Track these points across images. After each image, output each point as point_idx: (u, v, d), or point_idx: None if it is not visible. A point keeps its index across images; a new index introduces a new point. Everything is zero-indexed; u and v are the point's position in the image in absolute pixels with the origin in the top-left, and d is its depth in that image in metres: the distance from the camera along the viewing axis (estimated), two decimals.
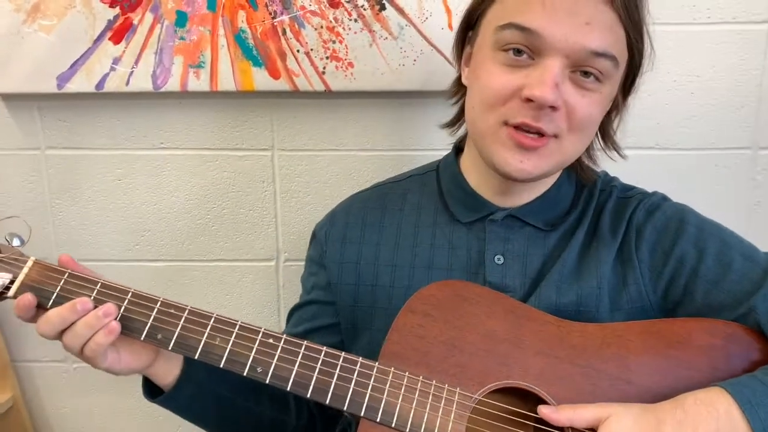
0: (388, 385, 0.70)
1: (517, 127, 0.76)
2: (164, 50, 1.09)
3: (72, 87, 1.10)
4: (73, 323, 0.72)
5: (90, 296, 0.74)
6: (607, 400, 0.72)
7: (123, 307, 0.74)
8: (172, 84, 1.10)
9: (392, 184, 0.97)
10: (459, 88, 0.91)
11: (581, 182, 0.90)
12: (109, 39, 1.08)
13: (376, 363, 0.72)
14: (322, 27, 1.07)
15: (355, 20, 1.07)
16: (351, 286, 0.90)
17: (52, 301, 0.74)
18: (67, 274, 0.75)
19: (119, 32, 1.08)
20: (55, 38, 1.08)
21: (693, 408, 0.69)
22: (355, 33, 1.07)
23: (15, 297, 0.75)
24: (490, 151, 0.80)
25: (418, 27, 1.07)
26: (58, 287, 0.75)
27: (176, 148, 1.17)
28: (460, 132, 0.95)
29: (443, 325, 0.72)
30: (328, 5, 1.06)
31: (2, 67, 1.10)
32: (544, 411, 0.70)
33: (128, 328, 0.74)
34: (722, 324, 0.77)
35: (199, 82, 1.10)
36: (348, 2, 1.06)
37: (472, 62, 0.84)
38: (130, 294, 0.75)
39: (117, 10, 1.07)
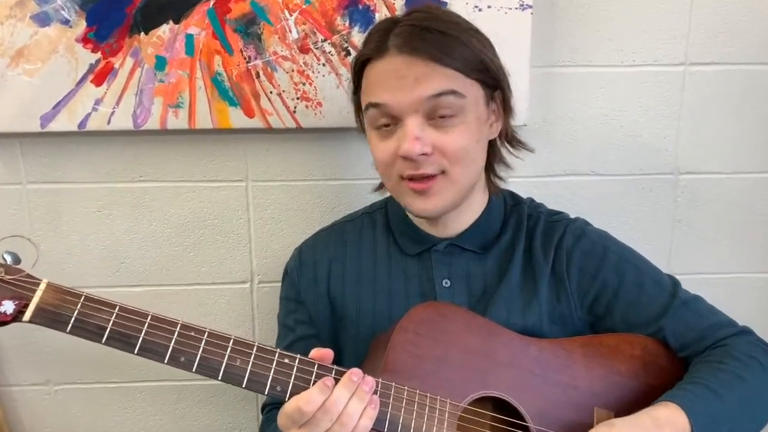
0: (391, 399, 0.80)
1: (410, 178, 0.90)
2: (144, 92, 1.16)
3: (55, 126, 1.16)
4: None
5: (110, 319, 0.75)
6: (559, 404, 0.86)
7: (144, 331, 0.75)
8: (152, 123, 1.17)
9: (347, 223, 1.09)
10: None
11: (508, 208, 1.04)
12: (91, 81, 1.15)
13: (380, 379, 0.80)
14: (293, 71, 1.17)
15: (323, 64, 1.17)
16: (327, 318, 1.02)
17: (70, 325, 0.74)
18: (83, 297, 0.75)
19: (101, 75, 1.15)
20: (38, 81, 1.14)
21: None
22: (324, 76, 1.17)
23: (30, 322, 0.74)
24: (403, 202, 0.95)
25: None
26: (76, 311, 0.74)
27: (155, 180, 1.24)
28: None
29: (431, 342, 0.84)
30: (298, 51, 1.16)
31: None
32: None
33: (151, 351, 0.76)
34: (639, 338, 0.94)
35: (177, 121, 1.18)
36: (317, 48, 1.16)
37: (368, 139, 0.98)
38: (149, 317, 0.76)
39: (99, 55, 1.14)
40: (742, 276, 1.36)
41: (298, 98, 1.18)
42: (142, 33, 1.14)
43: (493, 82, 0.93)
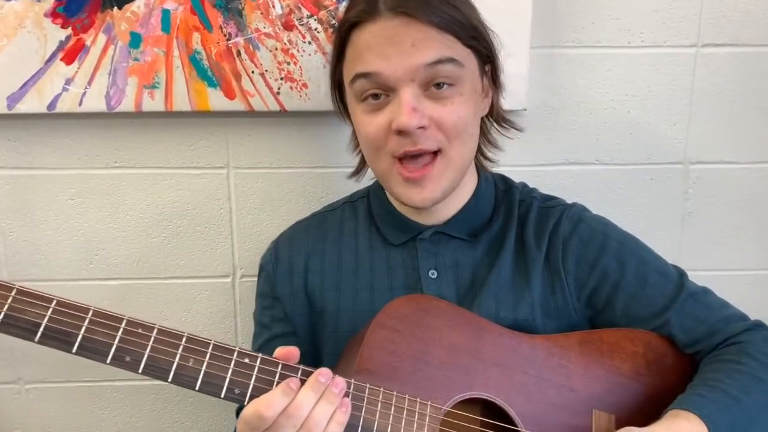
0: (365, 402, 0.72)
1: (404, 158, 0.82)
2: (118, 71, 1.09)
3: (23, 108, 1.09)
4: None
5: (45, 314, 0.67)
6: (554, 406, 0.78)
7: (84, 327, 0.68)
8: (126, 104, 1.10)
9: (327, 213, 1.02)
10: (357, 140, 0.96)
11: (499, 193, 0.96)
12: (61, 60, 1.08)
13: (352, 380, 0.73)
14: (276, 49, 1.09)
15: (309, 42, 1.09)
16: (304, 315, 0.94)
17: None
18: (15, 291, 0.67)
19: (71, 53, 1.08)
20: (4, 58, 1.07)
21: None
22: (309, 55, 1.10)
23: None
24: (394, 192, 0.86)
25: None
26: (6, 305, 0.67)
27: (131, 167, 1.17)
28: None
29: (411, 339, 0.76)
30: (282, 28, 1.09)
31: None
32: None
33: (92, 350, 0.68)
34: (642, 333, 0.86)
35: (153, 103, 1.10)
36: (302, 25, 1.09)
37: (351, 117, 0.90)
38: (90, 312, 0.68)
39: (69, 31, 1.07)
40: (757, 273, 1.27)
41: (281, 79, 1.11)
42: (115, 8, 1.07)
43: (486, 51, 0.86)
